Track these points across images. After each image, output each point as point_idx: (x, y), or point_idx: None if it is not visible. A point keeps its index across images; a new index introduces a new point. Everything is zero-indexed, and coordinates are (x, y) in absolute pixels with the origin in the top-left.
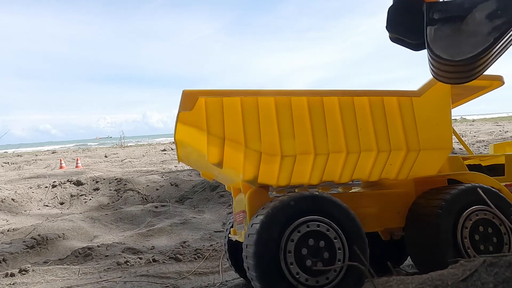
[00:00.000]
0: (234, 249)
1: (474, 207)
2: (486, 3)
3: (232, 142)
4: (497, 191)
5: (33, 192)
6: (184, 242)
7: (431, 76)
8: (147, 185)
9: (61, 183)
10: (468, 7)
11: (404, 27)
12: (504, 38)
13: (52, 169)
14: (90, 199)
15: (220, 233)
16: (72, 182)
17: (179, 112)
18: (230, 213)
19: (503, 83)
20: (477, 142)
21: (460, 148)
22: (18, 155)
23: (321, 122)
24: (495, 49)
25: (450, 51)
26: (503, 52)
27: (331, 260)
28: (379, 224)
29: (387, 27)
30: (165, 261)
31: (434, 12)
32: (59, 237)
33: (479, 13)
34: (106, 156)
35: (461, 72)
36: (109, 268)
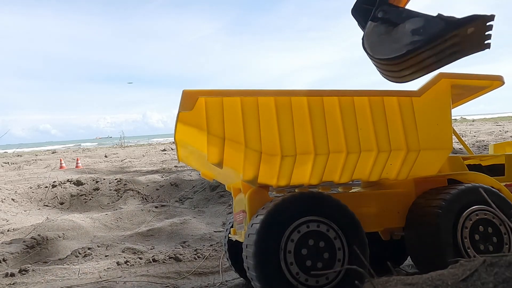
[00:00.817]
0: (234, 249)
1: (474, 207)
2: (416, 18)
3: (232, 142)
4: (497, 191)
5: (33, 192)
6: (184, 242)
7: (431, 76)
8: (147, 185)
9: (61, 183)
10: (404, 16)
11: (362, 15)
12: (419, 53)
13: (52, 169)
14: (90, 199)
15: (220, 233)
16: (72, 182)
17: (179, 112)
18: (230, 213)
19: (503, 83)
20: (477, 142)
21: (460, 148)
22: (18, 155)
23: (321, 122)
24: (411, 61)
25: (374, 48)
26: (429, 69)
27: (331, 260)
28: (379, 224)
29: (351, 11)
30: (165, 261)
31: (380, 11)
32: (59, 237)
33: (408, 25)
34: (106, 156)
35: (385, 70)
36: (109, 268)
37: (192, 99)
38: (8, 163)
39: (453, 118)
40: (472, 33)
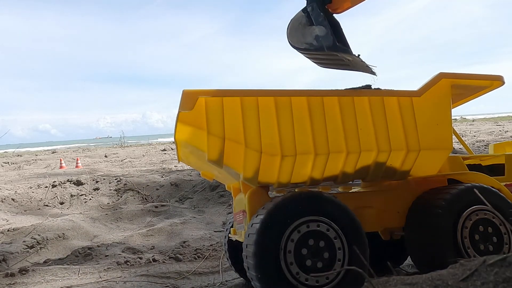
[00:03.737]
0: (234, 249)
1: (474, 207)
2: (322, 28)
3: (232, 142)
4: (497, 191)
5: (33, 192)
6: (184, 242)
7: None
8: (147, 185)
9: (61, 183)
10: (320, 21)
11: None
12: (313, 53)
13: (52, 169)
14: (90, 199)
15: (220, 233)
16: (72, 182)
17: (179, 111)
18: (230, 213)
19: (503, 83)
20: (477, 142)
21: (460, 148)
22: (18, 155)
23: (321, 122)
24: (306, 56)
25: (290, 31)
26: (323, 64)
27: (331, 260)
28: (379, 224)
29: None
30: (165, 261)
31: (310, 6)
32: (59, 237)
33: (317, 29)
34: (106, 156)
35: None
36: (109, 268)
37: (192, 99)
38: (8, 163)
39: (453, 118)
40: (350, 60)
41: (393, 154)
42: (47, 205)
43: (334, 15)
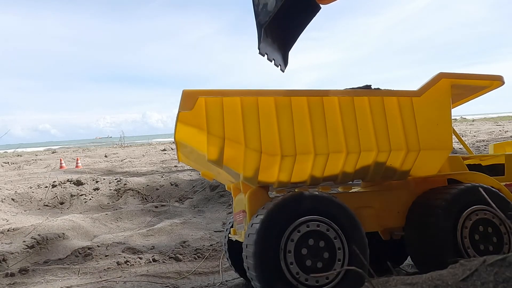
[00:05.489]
0: (234, 249)
1: (474, 207)
2: (274, 5)
3: (232, 142)
4: (497, 190)
5: (33, 192)
6: (184, 242)
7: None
8: (147, 185)
9: (61, 183)
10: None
11: None
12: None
13: (52, 169)
14: (90, 199)
15: (220, 233)
16: (72, 182)
17: (179, 112)
18: (230, 213)
19: (503, 83)
20: (477, 142)
21: (460, 148)
22: (18, 155)
23: (321, 122)
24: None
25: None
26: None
27: (331, 260)
28: (379, 224)
29: None
30: (165, 261)
31: None
32: (59, 237)
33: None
34: (106, 156)
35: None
36: (109, 268)
37: (192, 99)
38: (8, 163)
39: (453, 118)
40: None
41: (393, 154)
42: (47, 205)
43: (321, 5)
